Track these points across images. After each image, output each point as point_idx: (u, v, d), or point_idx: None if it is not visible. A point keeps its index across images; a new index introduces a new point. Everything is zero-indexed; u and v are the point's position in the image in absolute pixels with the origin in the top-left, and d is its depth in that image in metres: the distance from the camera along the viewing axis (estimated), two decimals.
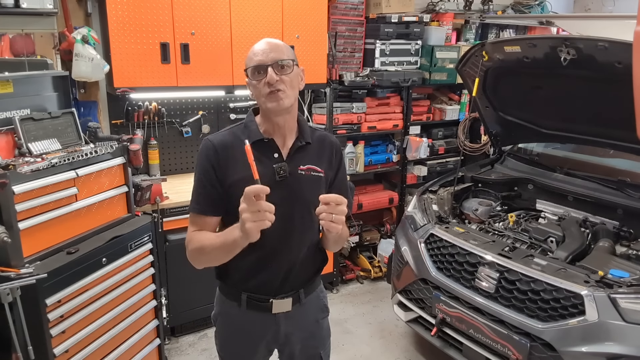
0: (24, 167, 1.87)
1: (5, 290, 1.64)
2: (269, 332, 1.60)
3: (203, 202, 1.48)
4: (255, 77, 1.41)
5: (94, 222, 2.21)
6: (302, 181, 1.50)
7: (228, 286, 1.60)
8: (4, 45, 2.45)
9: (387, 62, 3.79)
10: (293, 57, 1.45)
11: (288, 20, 3.30)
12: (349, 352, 3.10)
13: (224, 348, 1.68)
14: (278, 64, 1.39)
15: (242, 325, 1.60)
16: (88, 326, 2.07)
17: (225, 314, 1.63)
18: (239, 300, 1.56)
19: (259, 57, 1.40)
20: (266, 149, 1.48)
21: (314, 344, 1.69)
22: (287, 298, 1.56)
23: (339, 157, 1.61)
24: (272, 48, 1.41)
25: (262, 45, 1.42)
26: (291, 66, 1.42)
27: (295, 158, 1.51)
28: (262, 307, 1.55)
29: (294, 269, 1.54)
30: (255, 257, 1.50)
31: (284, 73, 1.41)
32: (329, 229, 1.31)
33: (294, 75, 1.44)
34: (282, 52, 1.41)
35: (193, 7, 2.95)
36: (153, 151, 3.23)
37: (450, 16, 4.14)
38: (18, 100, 2.12)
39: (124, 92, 2.86)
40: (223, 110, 3.57)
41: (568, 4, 5.10)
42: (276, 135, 1.50)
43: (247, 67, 1.43)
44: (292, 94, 1.43)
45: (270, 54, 1.39)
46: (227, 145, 1.47)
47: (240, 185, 1.40)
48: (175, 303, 2.99)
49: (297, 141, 1.52)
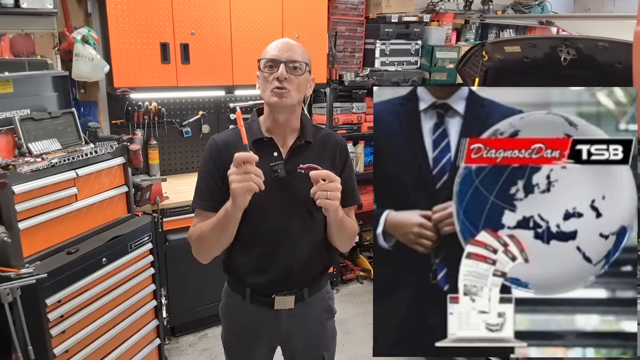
0: (24, 167, 1.87)
1: (5, 290, 1.64)
2: (270, 328, 1.61)
3: (205, 198, 1.51)
4: (266, 69, 1.44)
5: (94, 222, 2.20)
6: (302, 180, 1.49)
7: (234, 279, 1.63)
8: (4, 45, 2.45)
9: (387, 62, 3.79)
10: (307, 62, 1.48)
11: (288, 20, 3.30)
12: (349, 352, 3.10)
13: (228, 340, 1.71)
14: (291, 63, 1.43)
15: (245, 318, 1.62)
16: (88, 326, 2.07)
17: (231, 306, 1.66)
18: (243, 293, 1.59)
19: (275, 52, 1.44)
20: (266, 147, 1.49)
21: (317, 345, 1.69)
22: (289, 296, 1.57)
23: (344, 156, 1.60)
24: (290, 47, 1.45)
25: (281, 41, 1.47)
26: (303, 69, 1.45)
27: (295, 157, 1.51)
28: (264, 303, 1.57)
29: (296, 267, 1.55)
30: (257, 255, 1.52)
31: (295, 74, 1.44)
32: (326, 207, 1.32)
33: (304, 79, 1.47)
34: (298, 54, 1.45)
35: (193, 7, 2.95)
36: (153, 151, 3.23)
37: (450, 16, 4.14)
38: (18, 100, 2.12)
39: (124, 92, 2.86)
40: (223, 110, 3.57)
41: (568, 4, 5.10)
42: (277, 133, 1.52)
43: (261, 58, 1.47)
44: (296, 96, 1.45)
45: (286, 52, 1.43)
46: (230, 144, 1.50)
47: None
48: (175, 303, 2.99)
49: (298, 140, 1.53)
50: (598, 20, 3.86)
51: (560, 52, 2.39)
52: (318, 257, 1.61)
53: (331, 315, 1.73)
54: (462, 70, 3.01)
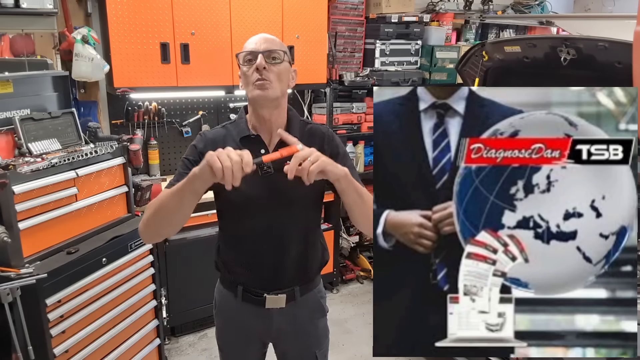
0: (24, 167, 1.87)
1: (5, 290, 1.64)
2: (262, 326, 1.62)
3: (180, 180, 1.35)
4: (246, 64, 1.45)
5: (94, 222, 2.21)
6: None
7: (225, 277, 1.63)
8: (4, 45, 2.45)
9: (387, 62, 3.79)
10: (285, 50, 1.48)
11: (288, 20, 3.30)
12: (349, 352, 3.10)
13: (221, 337, 1.72)
14: (268, 53, 1.43)
15: (237, 316, 1.63)
16: (88, 326, 2.07)
17: (223, 304, 1.67)
18: (235, 291, 1.59)
19: (252, 46, 1.45)
20: (253, 144, 1.49)
21: (309, 343, 1.69)
22: (281, 294, 1.57)
23: (333, 145, 1.55)
24: (266, 40, 1.46)
25: (257, 36, 1.48)
26: (281, 58, 1.45)
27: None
28: (256, 301, 1.57)
29: (286, 265, 1.55)
30: (246, 253, 1.54)
31: (274, 62, 1.44)
32: (303, 176, 1.22)
33: (284, 69, 1.46)
34: (274, 44, 1.46)
35: (193, 7, 2.95)
36: (153, 151, 3.23)
37: (450, 16, 4.14)
38: (18, 100, 2.12)
39: (124, 92, 2.86)
40: (223, 110, 3.57)
41: (568, 4, 5.10)
42: (263, 130, 1.51)
43: (239, 52, 1.47)
44: (278, 87, 1.44)
45: (263, 44, 1.44)
46: (218, 140, 1.50)
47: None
48: (175, 303, 2.99)
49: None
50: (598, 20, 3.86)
51: (560, 52, 2.39)
52: (310, 255, 1.60)
53: (323, 314, 1.72)
54: (462, 70, 3.02)
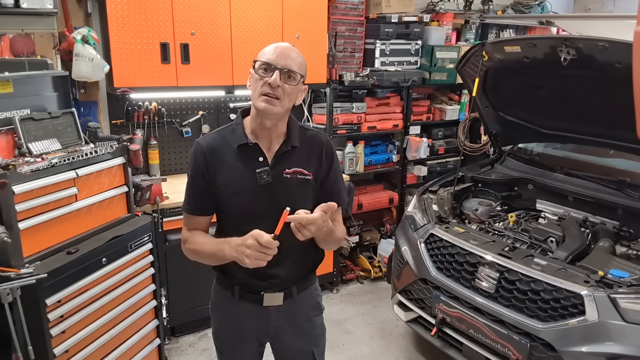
0: (24, 167, 1.87)
1: (5, 290, 1.64)
2: (259, 324, 1.63)
3: (193, 204, 1.57)
4: (260, 71, 1.42)
5: (94, 222, 2.20)
6: (288, 185, 1.50)
7: (222, 277, 1.64)
8: (4, 45, 2.45)
9: (387, 62, 3.79)
10: (303, 74, 1.46)
11: (288, 20, 3.30)
12: (349, 352, 3.10)
13: (218, 336, 1.72)
14: (287, 71, 1.41)
15: (234, 315, 1.63)
16: (88, 326, 2.07)
17: (220, 303, 1.68)
18: (232, 290, 1.61)
19: (272, 57, 1.41)
20: (251, 152, 1.49)
21: (305, 341, 1.71)
22: (278, 292, 1.59)
23: (330, 156, 1.59)
24: (288, 55, 1.42)
25: (280, 46, 1.44)
26: (297, 80, 1.44)
27: (281, 162, 1.51)
28: (253, 299, 1.59)
29: (284, 268, 1.56)
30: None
31: (288, 82, 1.42)
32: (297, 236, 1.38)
33: (296, 89, 1.46)
34: (295, 63, 1.43)
35: (193, 7, 2.95)
36: (153, 151, 3.23)
37: (450, 16, 4.14)
38: (18, 100, 2.12)
39: (124, 92, 2.86)
40: (223, 110, 3.57)
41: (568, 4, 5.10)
42: (262, 138, 1.51)
43: (257, 59, 1.44)
44: (286, 104, 1.45)
45: (283, 60, 1.41)
46: (215, 148, 1.51)
47: (227, 188, 1.50)
48: (175, 303, 2.99)
49: (284, 145, 1.52)
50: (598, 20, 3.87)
51: (560, 52, 2.39)
52: (306, 256, 1.63)
53: (319, 312, 1.74)
54: (462, 70, 3.01)
